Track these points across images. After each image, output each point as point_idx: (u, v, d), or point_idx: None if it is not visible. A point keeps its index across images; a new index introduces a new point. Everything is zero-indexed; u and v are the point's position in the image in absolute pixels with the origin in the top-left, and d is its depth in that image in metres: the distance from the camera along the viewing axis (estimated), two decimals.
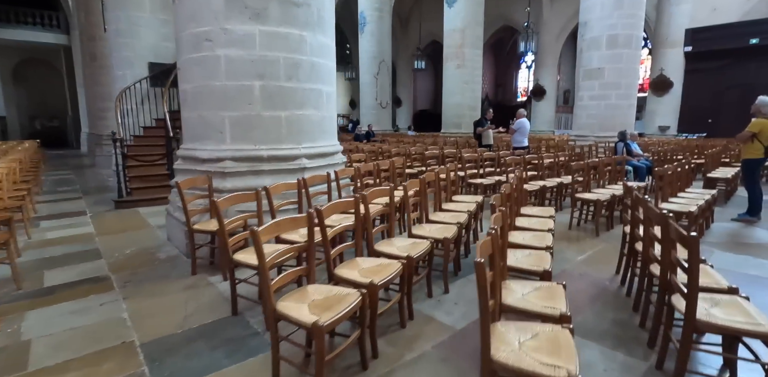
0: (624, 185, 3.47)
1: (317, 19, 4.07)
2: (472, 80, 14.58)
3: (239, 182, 3.89)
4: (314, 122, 4.22)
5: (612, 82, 10.69)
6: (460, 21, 14.07)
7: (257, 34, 3.76)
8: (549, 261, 2.56)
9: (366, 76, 18.05)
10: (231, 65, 3.80)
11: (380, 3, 17.34)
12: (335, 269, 2.39)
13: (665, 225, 2.20)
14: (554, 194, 6.03)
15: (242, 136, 3.93)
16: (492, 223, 2.10)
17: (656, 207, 2.53)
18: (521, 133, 8.39)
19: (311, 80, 4.11)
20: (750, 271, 3.63)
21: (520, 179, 3.78)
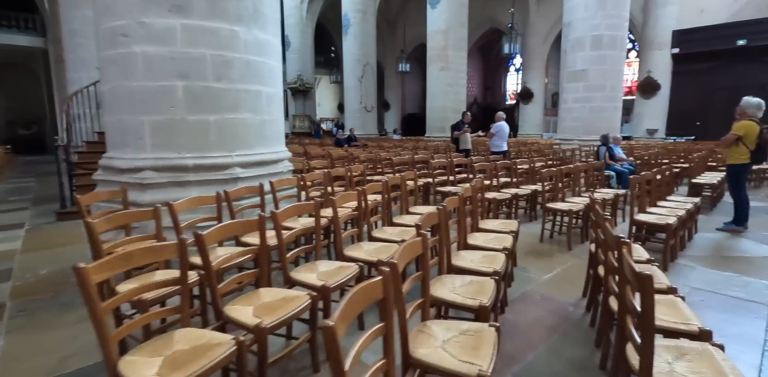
0: (590, 197, 3.06)
1: (253, 13, 3.65)
2: (457, 83, 14.23)
3: (160, 195, 3.46)
4: (251, 127, 3.80)
5: (596, 83, 10.36)
6: (443, 22, 13.74)
7: (178, 28, 3.34)
8: (490, 293, 2.13)
9: (350, 79, 17.67)
10: (149, 63, 3.38)
11: (364, 5, 17.00)
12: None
13: (619, 253, 1.79)
14: (528, 203, 5.63)
15: (165, 143, 3.50)
16: (400, 255, 1.67)
17: (610, 229, 2.12)
18: (500, 136, 8.00)
19: (247, 80, 3.70)
20: (733, 292, 3.22)
21: (476, 189, 3.36)
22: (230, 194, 3.18)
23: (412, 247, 1.80)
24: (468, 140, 8.45)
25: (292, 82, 20.41)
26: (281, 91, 4.26)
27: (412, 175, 4.38)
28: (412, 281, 1.83)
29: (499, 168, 5.51)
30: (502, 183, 5.68)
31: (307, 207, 2.62)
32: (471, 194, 3.36)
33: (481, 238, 3.19)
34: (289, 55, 20.79)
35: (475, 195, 3.39)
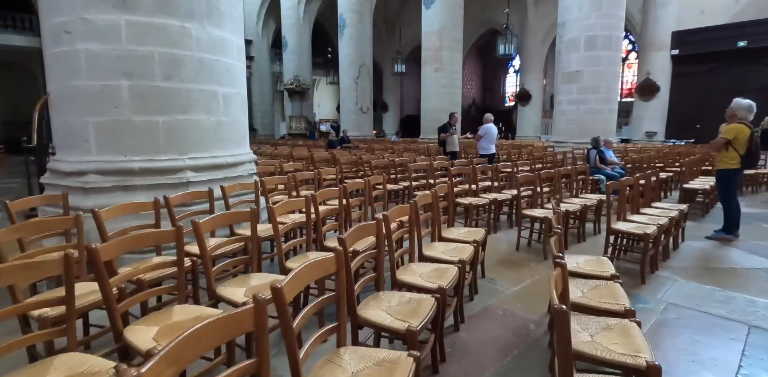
0: (553, 207, 2.85)
1: (207, 9, 3.47)
2: (451, 84, 14.02)
3: (104, 199, 3.27)
4: (206, 129, 3.61)
5: (591, 85, 10.12)
6: (437, 23, 13.54)
7: (123, 25, 3.16)
8: (425, 314, 1.92)
9: (346, 80, 17.50)
10: (93, 62, 3.20)
11: (360, 6, 16.84)
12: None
13: (557, 274, 1.57)
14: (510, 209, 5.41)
15: (110, 146, 3.32)
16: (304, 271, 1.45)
17: (555, 246, 1.91)
18: (487, 138, 7.78)
19: (200, 80, 3.51)
20: (712, 308, 2.98)
21: (436, 195, 3.15)
22: (171, 200, 2.98)
23: (322, 265, 1.59)
24: (455, 142, 8.24)
25: (288, 83, 20.27)
26: (243, 91, 4.07)
27: (380, 178, 4.17)
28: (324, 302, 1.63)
29: (478, 171, 5.29)
30: (483, 187, 5.47)
31: (239, 215, 2.42)
32: (431, 200, 3.15)
33: (441, 248, 2.99)
34: (286, 55, 20.66)
35: (436, 202, 3.18)
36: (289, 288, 1.37)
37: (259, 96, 23.51)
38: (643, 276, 3.44)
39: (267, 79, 23.64)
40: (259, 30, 22.84)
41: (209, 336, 1.09)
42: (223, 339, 1.16)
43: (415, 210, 2.71)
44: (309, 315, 1.51)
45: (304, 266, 1.47)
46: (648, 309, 2.97)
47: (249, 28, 22.92)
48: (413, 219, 2.67)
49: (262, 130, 23.88)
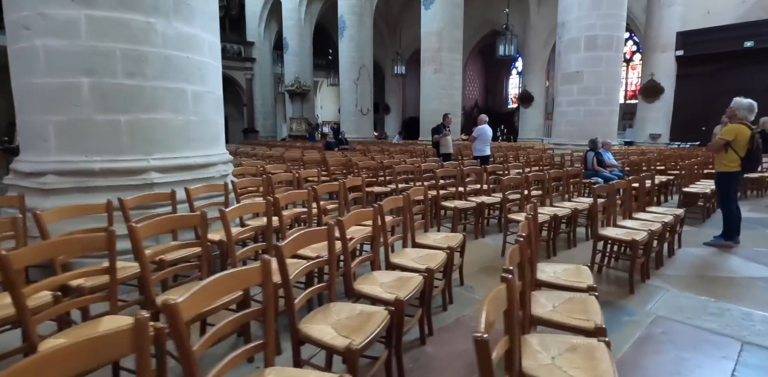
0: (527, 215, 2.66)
1: (174, 4, 3.34)
2: (450, 85, 13.84)
3: (63, 201, 3.13)
4: (173, 128, 3.47)
5: (591, 86, 9.89)
6: (437, 23, 13.39)
7: (83, 20, 3.03)
8: (371, 330, 1.74)
9: (346, 81, 17.38)
10: (52, 58, 3.08)
11: (360, 7, 16.74)
12: None
13: (496, 293, 1.39)
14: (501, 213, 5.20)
15: (70, 145, 3.19)
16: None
17: (508, 262, 1.73)
18: (482, 140, 7.59)
19: (167, 77, 3.37)
20: (704, 322, 2.76)
21: (407, 200, 2.97)
22: (128, 202, 2.84)
23: (240, 276, 1.42)
24: (449, 144, 8.05)
25: (289, 85, 20.21)
26: (217, 90, 3.93)
27: (358, 180, 4.01)
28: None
29: (467, 173, 5.10)
30: (473, 190, 5.28)
31: (187, 219, 2.26)
32: (403, 204, 2.97)
33: (412, 255, 2.81)
34: (287, 57, 20.60)
35: (408, 206, 3.00)
36: (191, 303, 1.20)
37: (261, 97, 23.48)
38: (632, 285, 3.23)
39: (269, 81, 23.62)
40: (261, 32, 22.84)
41: (76, 359, 0.93)
42: (90, 364, 0.98)
43: (379, 214, 2.54)
44: (223, 335, 1.35)
45: (215, 278, 1.31)
46: (634, 321, 2.77)
47: (251, 30, 22.97)
48: (377, 224, 2.49)
49: (264, 131, 23.83)
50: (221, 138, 4.06)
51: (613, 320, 2.76)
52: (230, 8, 22.46)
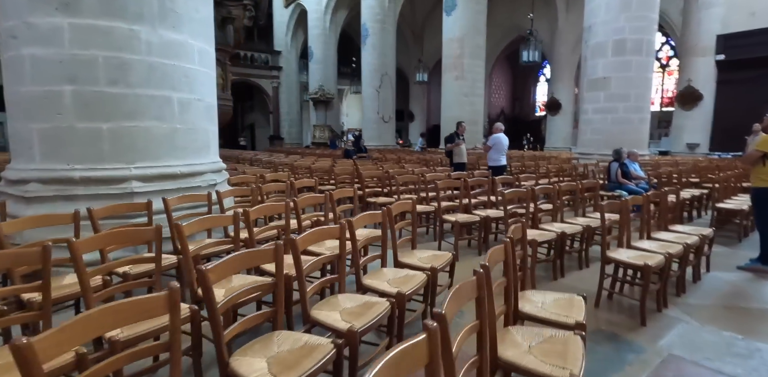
0: (506, 239, 2.38)
1: (159, 11, 3.28)
2: (472, 93, 13.51)
3: (45, 209, 3.12)
4: (157, 136, 3.40)
5: (619, 93, 9.35)
6: (459, 29, 13.15)
7: (66, 28, 3.01)
8: (308, 368, 1.52)
9: (368, 89, 17.37)
10: (36, 67, 3.08)
11: (383, 15, 16.74)
12: None
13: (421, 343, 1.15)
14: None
15: (53, 153, 3.17)
16: None
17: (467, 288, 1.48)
18: (497, 149, 7.25)
19: (151, 85, 3.31)
20: (726, 366, 2.37)
21: (387, 215, 2.74)
22: (98, 212, 2.76)
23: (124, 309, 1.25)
24: (463, 153, 7.74)
25: (313, 93, 20.44)
26: (208, 97, 3.85)
27: (350, 191, 3.81)
28: None
29: (474, 185, 4.82)
30: (479, 203, 4.98)
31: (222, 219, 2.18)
32: (384, 219, 2.75)
33: (389, 276, 2.58)
34: (312, 65, 20.87)
35: (389, 221, 2.77)
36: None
37: (287, 105, 23.86)
38: (643, 316, 2.86)
39: (295, 89, 23.98)
40: (288, 41, 23.27)
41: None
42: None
43: (348, 231, 2.33)
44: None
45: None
46: (640, 361, 2.41)
47: (279, 40, 23.46)
48: (343, 242, 2.27)
49: (289, 138, 24.16)
50: (212, 146, 3.98)
51: (615, 358, 2.42)
52: (258, 18, 22.92)
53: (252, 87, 23.91)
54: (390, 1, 16.84)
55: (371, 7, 16.65)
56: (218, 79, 7.77)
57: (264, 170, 6.32)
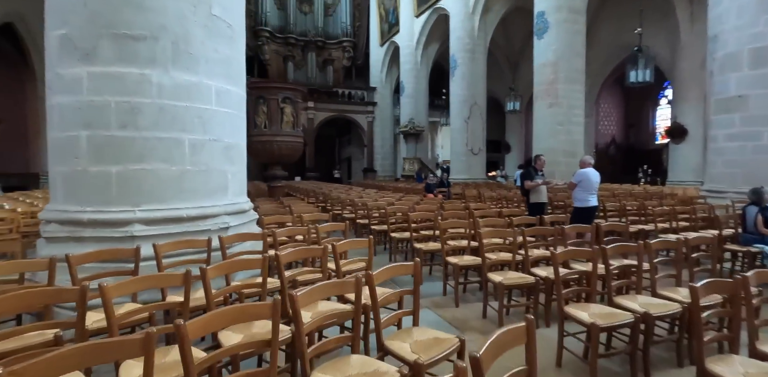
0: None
1: (172, 54, 3.29)
2: (569, 121, 12.05)
3: (57, 250, 3.19)
4: (164, 179, 3.32)
5: (761, 114, 7.32)
6: (552, 53, 12.01)
7: (85, 77, 3.15)
8: None
9: (456, 120, 16.83)
10: (62, 114, 3.28)
11: (472, 44, 16.33)
12: None
13: None
14: None
15: (71, 196, 3.28)
16: None
17: None
18: (584, 187, 6.01)
19: (160, 127, 3.28)
20: None
21: (364, 283, 2.12)
22: (77, 259, 2.65)
23: None
24: (543, 192, 6.62)
25: (403, 126, 20.61)
26: (227, 137, 3.74)
27: (363, 243, 3.26)
28: None
29: (527, 233, 3.87)
30: (540, 257, 3.98)
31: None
32: (355, 289, 2.13)
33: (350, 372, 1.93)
34: (403, 99, 21.20)
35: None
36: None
37: (380, 139, 24.45)
38: None
39: (389, 123, 24.55)
40: (383, 77, 24.15)
41: None
42: None
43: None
44: None
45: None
46: None
47: (374, 76, 24.53)
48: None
49: (382, 171, 24.54)
50: (231, 187, 3.82)
51: None
52: (356, 58, 24.50)
53: (349, 122, 25.13)
54: (480, 30, 16.40)
55: (460, 38, 16.40)
56: (289, 116, 8.05)
57: (311, 210, 6.07)
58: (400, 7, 20.67)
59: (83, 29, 3.10)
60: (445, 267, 4.29)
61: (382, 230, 6.27)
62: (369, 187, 16.44)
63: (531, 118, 13.73)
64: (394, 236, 5.69)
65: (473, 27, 16.34)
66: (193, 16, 3.35)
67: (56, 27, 3.20)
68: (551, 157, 11.88)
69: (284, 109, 7.83)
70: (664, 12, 15.04)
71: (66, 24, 3.15)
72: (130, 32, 3.13)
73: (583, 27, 12.12)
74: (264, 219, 4.74)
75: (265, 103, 7.73)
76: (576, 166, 11.99)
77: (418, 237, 5.45)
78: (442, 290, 4.35)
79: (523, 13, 15.97)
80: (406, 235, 5.41)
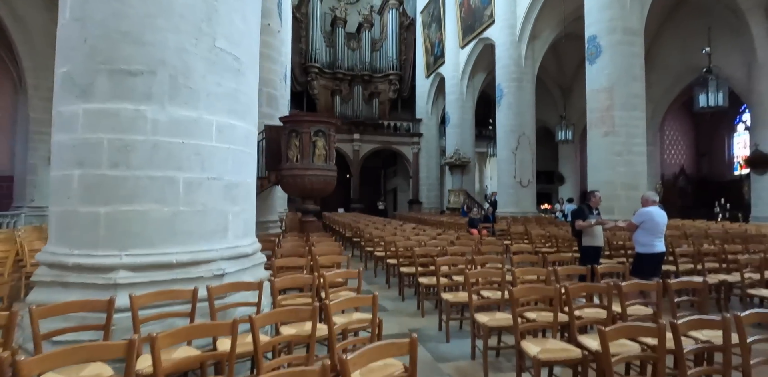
0: None
1: (170, 87, 3.12)
2: (628, 150, 10.94)
3: (42, 295, 3.00)
4: (154, 220, 3.07)
5: None
6: (606, 79, 11.16)
7: (80, 114, 3.04)
8: None
9: (503, 151, 16.09)
10: (59, 152, 3.17)
11: (519, 73, 15.81)
12: None
13: None
14: None
15: (62, 237, 3.11)
16: None
17: None
18: (647, 230, 5.09)
19: (153, 166, 3.07)
20: None
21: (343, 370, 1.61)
22: (38, 312, 2.38)
23: None
24: (597, 234, 5.72)
25: (448, 157, 20.12)
26: (229, 175, 3.46)
27: (367, 299, 2.75)
28: None
29: (574, 291, 3.16)
30: (586, 321, 3.22)
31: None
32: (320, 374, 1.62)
33: None
34: (449, 130, 20.84)
35: None
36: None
37: (426, 170, 24.03)
38: None
39: (434, 154, 24.16)
40: (429, 108, 24.06)
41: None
42: None
43: None
44: None
45: None
46: None
47: (420, 108, 24.54)
48: None
49: (428, 202, 23.93)
50: (230, 229, 3.49)
51: None
52: (402, 91, 24.73)
53: (395, 154, 25.05)
54: (527, 58, 15.89)
55: (506, 67, 15.96)
56: (321, 150, 7.88)
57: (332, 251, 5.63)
58: (445, 39, 20.76)
59: (82, 65, 3.03)
60: (473, 327, 3.63)
61: (411, 273, 5.70)
62: (411, 220, 15.90)
63: (585, 147, 12.71)
64: (422, 282, 5.10)
65: (519, 55, 15.89)
66: (194, 49, 3.20)
67: (60, 65, 3.17)
68: (609, 190, 10.79)
69: (316, 143, 7.67)
70: (734, 29, 13.72)
71: (68, 61, 3.10)
72: (128, 67, 3.01)
73: (640, 49, 11.24)
74: (276, 261, 4.38)
75: (298, 136, 7.62)
76: (638, 200, 10.77)
77: (448, 283, 4.84)
78: (471, 352, 3.68)
79: (573, 39, 15.30)
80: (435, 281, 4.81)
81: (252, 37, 3.84)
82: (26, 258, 5.94)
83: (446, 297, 4.24)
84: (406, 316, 5.05)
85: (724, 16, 14.19)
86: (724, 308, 5.27)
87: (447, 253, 5.45)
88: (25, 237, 7.25)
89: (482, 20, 17.48)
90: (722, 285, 5.30)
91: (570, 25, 14.83)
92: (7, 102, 15.06)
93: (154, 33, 3.06)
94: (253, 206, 3.99)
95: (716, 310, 5.17)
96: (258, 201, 7.61)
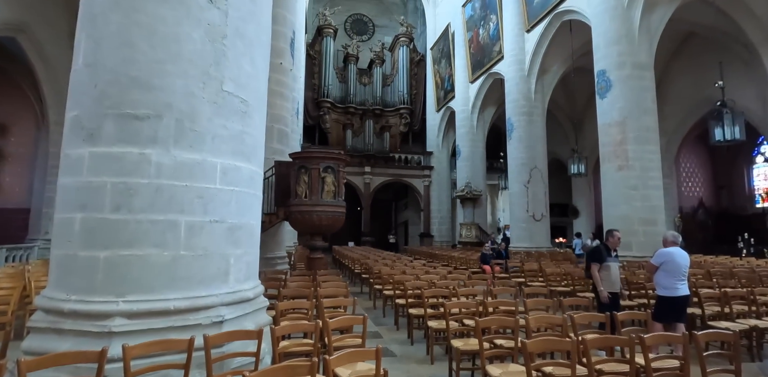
0: None
1: (175, 131, 3.15)
2: (644, 185, 10.71)
3: (37, 342, 2.92)
4: (153, 265, 3.00)
5: None
6: (617, 112, 11.14)
7: (86, 157, 3.07)
8: None
9: (515, 185, 15.94)
10: (64, 195, 3.19)
11: (529, 107, 15.94)
12: None
13: None
14: None
15: (61, 281, 3.07)
16: None
17: None
18: (669, 272, 4.81)
19: (155, 209, 3.05)
20: None
21: None
22: (23, 366, 2.27)
23: None
24: (614, 278, 5.38)
25: (459, 190, 20.01)
26: (232, 217, 3.41)
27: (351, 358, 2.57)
28: None
29: (592, 345, 2.93)
30: (605, 375, 2.97)
31: None
32: None
33: None
34: (459, 163, 20.85)
35: None
36: None
37: (437, 203, 23.89)
38: None
39: (446, 188, 24.10)
40: (440, 142, 24.28)
41: None
42: None
43: None
44: None
45: None
46: None
47: (431, 141, 24.76)
48: None
49: (439, 236, 23.60)
50: (231, 273, 3.39)
51: None
52: (413, 124, 25.09)
53: (406, 187, 25.05)
54: (537, 92, 16.06)
55: (515, 101, 16.14)
56: (330, 186, 7.86)
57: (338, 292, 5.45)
58: (455, 74, 21.24)
59: (91, 110, 3.09)
60: None
61: (420, 315, 5.45)
62: (422, 254, 15.59)
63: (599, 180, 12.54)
64: (432, 325, 4.86)
65: (529, 89, 16.08)
66: (201, 93, 3.25)
67: (71, 109, 3.24)
68: (626, 225, 10.47)
69: (325, 179, 7.68)
70: (745, 62, 13.74)
71: (78, 105, 3.18)
72: (134, 111, 3.06)
73: (651, 83, 11.27)
74: (279, 305, 4.23)
75: (307, 172, 7.64)
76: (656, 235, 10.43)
77: (459, 329, 4.60)
78: None
79: (583, 73, 15.47)
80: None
81: (260, 79, 3.91)
82: (32, 294, 5.87)
83: (456, 345, 4.00)
84: (415, 363, 4.78)
85: (734, 50, 14.27)
86: (757, 356, 4.89)
87: (458, 295, 5.23)
88: (34, 272, 7.23)
89: (491, 56, 17.90)
90: (753, 331, 4.93)
91: (579, 59, 15.07)
92: (30, 137, 15.67)
93: (162, 78, 3.13)
94: (257, 248, 3.90)
95: (748, 358, 4.79)
96: (266, 236, 7.60)
